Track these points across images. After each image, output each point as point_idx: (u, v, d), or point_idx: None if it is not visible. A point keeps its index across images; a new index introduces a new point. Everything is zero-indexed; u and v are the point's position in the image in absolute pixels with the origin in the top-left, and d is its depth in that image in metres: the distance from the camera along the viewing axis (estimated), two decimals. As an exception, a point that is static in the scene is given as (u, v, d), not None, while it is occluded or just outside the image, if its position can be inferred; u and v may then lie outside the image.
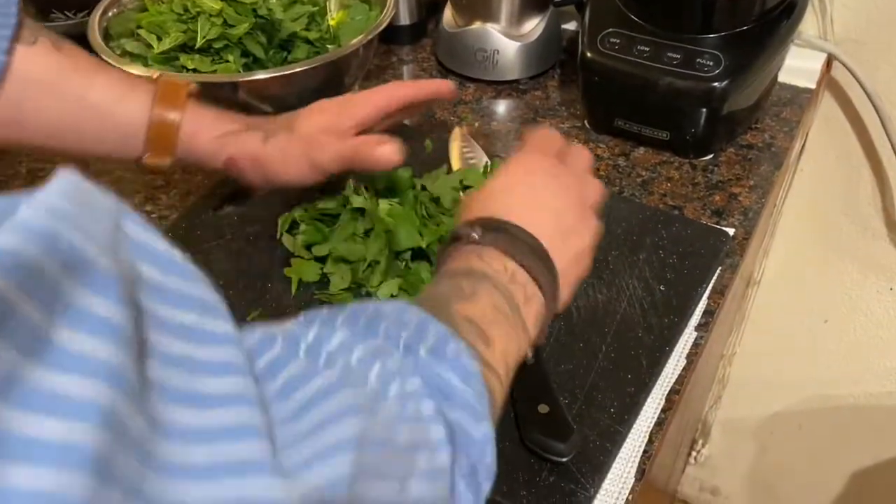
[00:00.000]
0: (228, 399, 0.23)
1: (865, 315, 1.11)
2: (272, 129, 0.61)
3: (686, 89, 0.73)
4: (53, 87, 0.56)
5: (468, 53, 0.90)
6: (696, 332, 0.60)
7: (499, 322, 0.41)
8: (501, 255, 0.44)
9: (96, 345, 0.19)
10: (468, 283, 0.42)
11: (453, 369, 0.34)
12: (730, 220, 0.70)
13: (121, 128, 0.58)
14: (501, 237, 0.44)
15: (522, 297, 0.43)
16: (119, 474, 0.18)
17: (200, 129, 0.60)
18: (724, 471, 1.47)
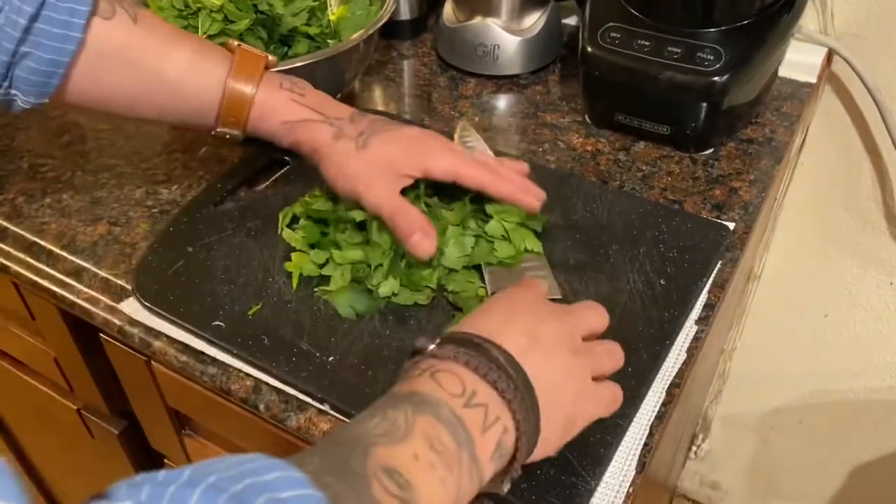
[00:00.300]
0: None
1: (866, 309, 1.11)
2: (348, 130, 0.60)
3: (686, 84, 0.73)
4: (129, 62, 0.57)
5: (469, 48, 0.90)
6: (697, 325, 0.60)
7: (432, 467, 0.36)
8: (462, 370, 0.40)
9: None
10: (403, 416, 0.37)
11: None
12: (730, 215, 0.70)
13: (194, 101, 0.59)
14: (463, 349, 0.40)
15: (481, 423, 0.39)
16: None
17: (272, 110, 0.60)
18: (724, 465, 1.47)
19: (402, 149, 0.59)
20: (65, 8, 0.53)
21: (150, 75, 0.58)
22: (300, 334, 0.58)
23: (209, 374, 0.58)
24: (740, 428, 1.39)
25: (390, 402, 0.39)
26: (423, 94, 0.89)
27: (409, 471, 0.35)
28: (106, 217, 0.71)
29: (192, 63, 0.58)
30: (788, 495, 1.44)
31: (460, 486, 0.37)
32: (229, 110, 0.60)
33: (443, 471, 0.37)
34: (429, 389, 0.39)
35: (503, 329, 0.43)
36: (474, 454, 0.38)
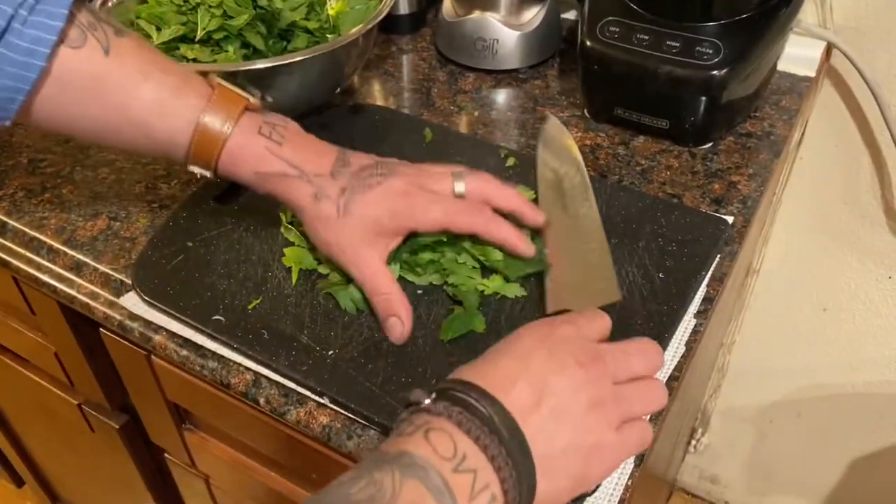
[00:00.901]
0: None
1: (864, 303, 1.11)
2: (328, 189, 0.56)
3: (685, 78, 0.73)
4: (94, 98, 0.54)
5: (468, 42, 0.90)
6: (696, 319, 0.60)
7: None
8: (455, 430, 0.38)
9: None
10: (391, 481, 0.36)
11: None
12: (729, 209, 0.71)
13: (163, 141, 0.56)
14: (456, 407, 0.39)
15: (469, 490, 0.37)
16: None
17: (245, 157, 0.56)
18: (723, 459, 1.48)
19: (386, 210, 0.56)
20: (30, 35, 0.50)
21: (115, 110, 0.54)
22: (300, 328, 0.58)
23: (209, 368, 0.59)
24: (739, 422, 1.39)
25: (378, 462, 0.38)
26: (423, 88, 0.89)
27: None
28: (106, 212, 0.71)
29: (161, 100, 0.54)
30: (787, 489, 1.44)
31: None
32: (198, 150, 0.55)
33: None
34: (420, 451, 0.38)
35: (514, 378, 0.41)
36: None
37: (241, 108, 0.56)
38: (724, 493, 1.53)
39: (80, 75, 0.53)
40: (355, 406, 0.53)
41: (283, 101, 0.75)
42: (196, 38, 0.74)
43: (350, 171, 0.57)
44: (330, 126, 0.79)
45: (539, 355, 0.42)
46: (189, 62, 0.73)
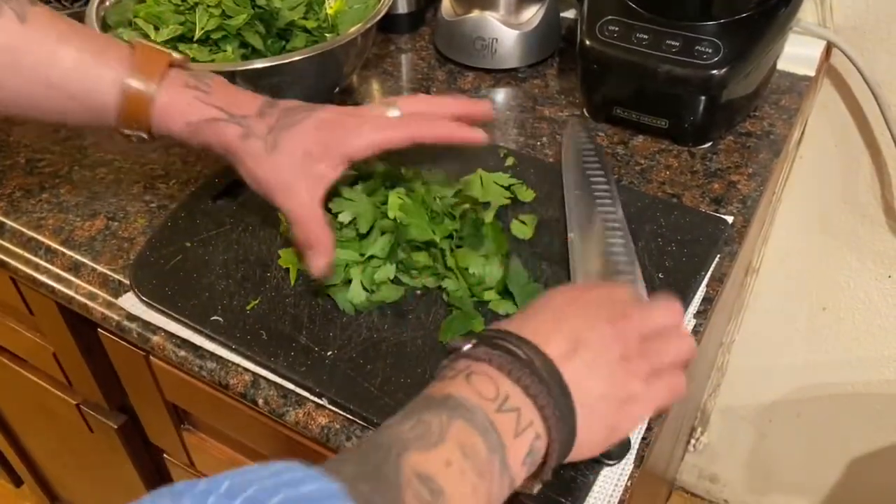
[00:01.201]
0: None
1: (864, 303, 1.11)
2: (256, 128, 0.56)
3: (685, 77, 0.73)
4: (13, 64, 0.53)
5: (467, 42, 0.90)
6: (695, 319, 0.60)
7: (463, 474, 0.36)
8: (496, 373, 0.40)
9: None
10: (438, 421, 0.37)
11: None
12: (728, 208, 0.70)
13: (89, 105, 0.55)
14: (497, 351, 0.40)
15: (513, 428, 0.39)
16: None
17: (176, 111, 0.56)
18: (722, 458, 1.48)
19: (314, 142, 0.55)
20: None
21: (36, 78, 0.54)
22: (298, 329, 0.58)
23: (207, 369, 0.58)
24: (739, 421, 1.39)
25: (425, 404, 0.39)
26: (422, 88, 0.89)
27: (441, 477, 0.35)
28: (104, 212, 0.71)
29: (82, 63, 0.54)
30: (786, 488, 1.44)
31: (491, 493, 0.38)
32: (128, 111, 0.55)
33: (474, 478, 0.37)
34: (463, 393, 0.39)
35: (549, 331, 0.42)
36: (506, 461, 0.38)
37: (165, 66, 0.56)
38: (723, 492, 1.53)
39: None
40: (354, 407, 0.53)
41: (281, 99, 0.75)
42: (194, 37, 0.74)
43: (277, 110, 0.57)
44: (329, 126, 0.79)
45: (572, 312, 0.44)
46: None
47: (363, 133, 0.56)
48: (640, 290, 0.57)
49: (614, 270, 0.61)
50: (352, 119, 0.57)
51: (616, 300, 0.46)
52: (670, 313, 0.47)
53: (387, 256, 0.60)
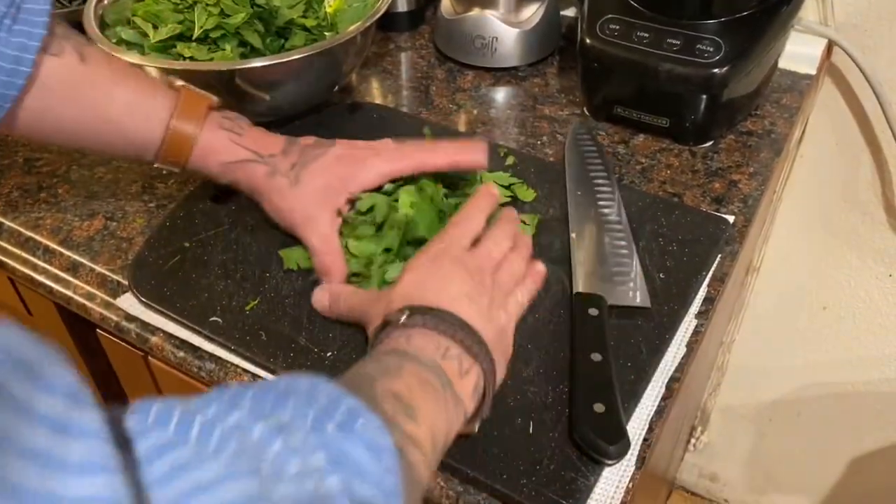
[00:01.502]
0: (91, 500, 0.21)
1: (864, 302, 1.11)
2: (280, 165, 0.61)
3: (686, 76, 0.72)
4: (74, 100, 0.58)
5: (467, 40, 0.89)
6: (696, 319, 0.60)
7: (426, 397, 0.42)
8: (431, 332, 0.46)
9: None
10: (394, 362, 0.43)
11: (363, 445, 0.33)
12: (730, 208, 0.70)
13: (137, 140, 0.61)
14: (429, 317, 0.47)
15: (457, 370, 0.45)
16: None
17: (212, 151, 0.61)
18: (722, 457, 1.47)
19: (332, 176, 0.61)
20: (16, 43, 0.53)
21: (93, 114, 0.59)
22: (298, 329, 0.58)
23: (206, 370, 0.58)
24: (739, 420, 1.39)
25: (377, 357, 0.45)
26: (421, 86, 0.89)
27: (408, 397, 0.40)
28: (102, 212, 0.71)
29: (136, 103, 0.59)
30: (787, 487, 1.44)
31: (448, 416, 0.43)
32: (171, 149, 0.60)
33: (434, 402, 0.42)
34: (409, 348, 0.45)
35: (445, 294, 0.49)
36: (456, 393, 0.44)
37: (206, 109, 0.61)
38: (723, 492, 1.53)
39: (61, 81, 0.57)
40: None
41: (280, 99, 0.75)
42: (193, 36, 0.74)
43: (298, 147, 0.63)
44: (328, 124, 0.78)
45: (446, 272, 0.51)
46: (185, 61, 0.72)
47: (374, 166, 0.61)
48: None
49: (615, 270, 0.61)
50: (364, 152, 0.62)
51: (466, 246, 0.54)
52: (507, 232, 0.56)
53: (396, 252, 0.60)
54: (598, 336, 0.55)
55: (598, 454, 0.49)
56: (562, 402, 0.53)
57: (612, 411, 0.50)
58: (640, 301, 0.59)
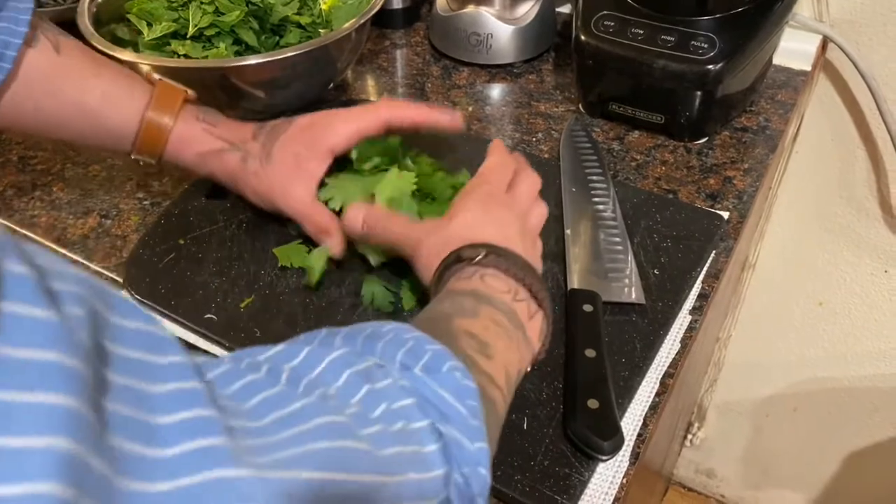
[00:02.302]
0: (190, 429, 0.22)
1: (860, 297, 1.11)
2: (252, 149, 0.62)
3: (680, 72, 0.72)
4: (51, 90, 0.58)
5: (462, 37, 0.89)
6: (691, 315, 0.60)
7: (500, 336, 0.43)
8: (502, 274, 0.48)
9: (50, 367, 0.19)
10: (470, 302, 0.45)
11: (448, 386, 0.35)
12: (724, 204, 0.70)
13: (114, 130, 0.61)
14: (502, 259, 0.48)
15: (526, 313, 0.47)
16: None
17: (188, 142, 0.62)
18: (719, 453, 1.48)
19: (300, 144, 0.61)
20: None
21: (70, 104, 0.59)
22: (293, 326, 0.58)
23: (202, 368, 0.58)
24: (735, 416, 1.39)
25: (452, 294, 0.46)
26: (417, 83, 0.89)
27: (483, 335, 0.42)
28: (97, 210, 0.71)
29: (112, 94, 0.60)
30: (783, 482, 1.44)
31: (520, 356, 0.45)
32: (146, 140, 0.61)
33: (507, 341, 0.44)
34: (483, 289, 0.46)
35: (506, 237, 0.50)
36: (526, 334, 0.46)
37: (181, 101, 0.62)
38: (720, 487, 1.54)
39: (38, 73, 0.57)
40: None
41: (275, 97, 0.75)
42: (188, 34, 0.73)
43: (266, 129, 0.63)
44: (323, 122, 0.78)
45: (498, 214, 0.53)
46: (180, 58, 0.72)
47: (342, 125, 0.61)
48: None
49: (609, 267, 0.61)
50: (328, 117, 0.62)
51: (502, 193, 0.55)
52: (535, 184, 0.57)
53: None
54: (592, 332, 0.55)
55: (593, 450, 0.49)
56: (556, 398, 0.53)
57: (606, 407, 0.50)
58: (634, 297, 0.59)
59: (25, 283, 0.19)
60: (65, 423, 0.18)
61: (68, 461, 0.18)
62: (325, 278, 0.61)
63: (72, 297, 0.20)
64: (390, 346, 0.35)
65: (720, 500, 1.55)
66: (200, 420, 0.23)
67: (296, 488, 0.25)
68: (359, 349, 0.35)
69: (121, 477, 0.20)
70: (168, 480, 0.21)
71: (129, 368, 0.22)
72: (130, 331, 0.22)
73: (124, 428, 0.20)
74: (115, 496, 0.19)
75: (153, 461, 0.21)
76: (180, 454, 0.22)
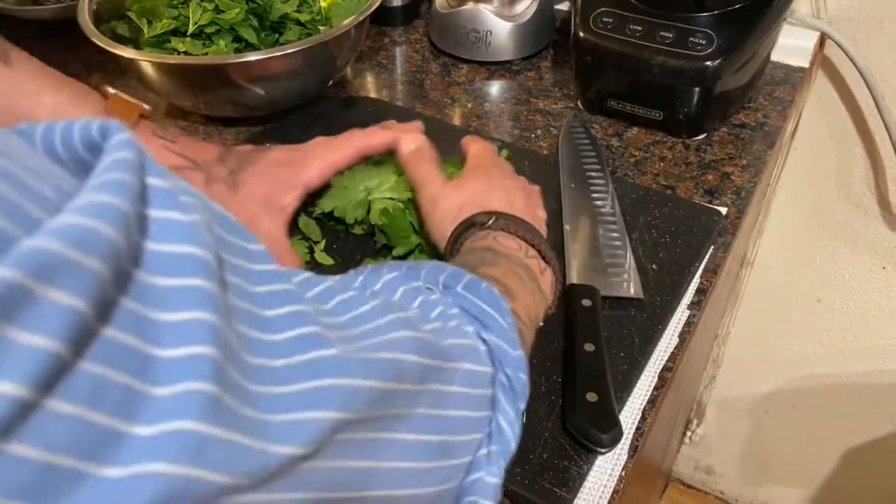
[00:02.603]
0: (291, 321, 0.27)
1: (858, 294, 1.11)
2: (217, 172, 0.60)
3: (679, 68, 0.73)
4: (7, 107, 0.56)
5: (461, 34, 0.90)
6: (689, 310, 0.60)
7: (519, 283, 0.47)
8: (512, 236, 0.51)
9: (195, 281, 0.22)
10: (489, 256, 0.48)
11: (488, 302, 0.39)
12: (722, 200, 0.71)
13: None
14: (511, 223, 0.51)
15: (538, 268, 0.50)
16: (231, 380, 0.22)
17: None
18: (718, 450, 1.48)
19: (272, 178, 0.59)
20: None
21: (20, 119, 0.57)
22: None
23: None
24: (734, 412, 1.40)
25: (472, 251, 0.50)
26: (416, 80, 0.89)
27: (505, 280, 0.46)
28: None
29: (63, 109, 0.58)
30: (782, 479, 1.45)
31: (538, 305, 0.48)
32: None
33: (525, 289, 0.47)
34: (497, 247, 0.50)
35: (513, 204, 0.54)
36: (539, 286, 0.49)
37: (137, 116, 0.60)
38: (719, 484, 1.54)
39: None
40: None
41: (275, 93, 0.75)
42: (188, 32, 0.74)
43: (235, 155, 0.61)
44: (322, 118, 0.79)
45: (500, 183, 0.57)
46: (180, 55, 0.73)
47: (314, 161, 0.60)
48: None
49: (608, 262, 0.62)
50: (299, 153, 0.61)
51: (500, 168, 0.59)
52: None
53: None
54: (591, 327, 0.55)
55: (591, 442, 0.49)
56: (555, 392, 0.53)
57: (604, 400, 0.50)
58: (633, 292, 0.59)
59: (167, 194, 0.23)
60: (208, 302, 0.22)
61: (214, 331, 0.22)
62: (326, 270, 0.62)
63: (195, 208, 0.23)
64: (433, 272, 0.40)
65: (719, 496, 1.55)
66: (298, 314, 0.27)
67: (378, 366, 0.29)
68: (405, 273, 0.39)
69: (246, 354, 0.24)
70: (284, 358, 0.26)
71: (237, 272, 0.25)
72: (232, 243, 0.26)
73: (244, 317, 0.25)
74: (245, 369, 0.24)
75: (270, 344, 0.25)
76: (289, 339, 0.26)
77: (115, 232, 0.20)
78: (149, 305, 0.21)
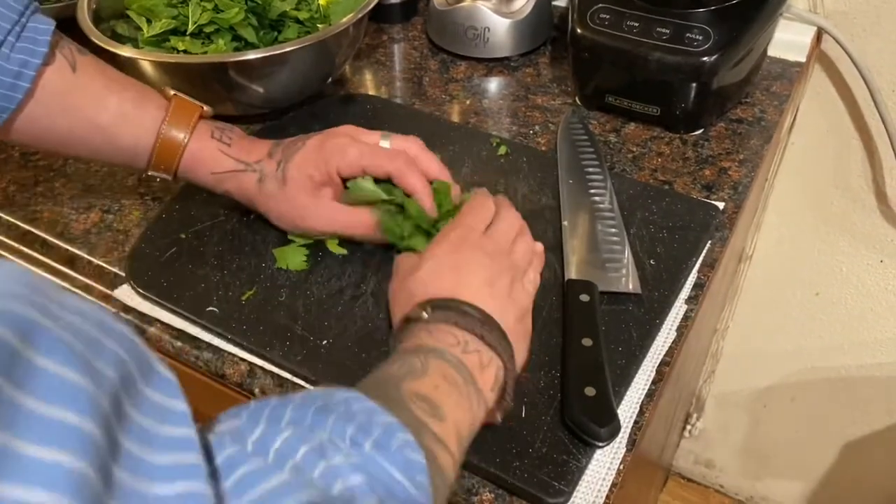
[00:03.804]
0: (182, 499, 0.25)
1: (856, 287, 1.12)
2: (268, 169, 0.61)
3: (676, 64, 0.73)
4: (66, 109, 0.59)
5: (459, 31, 0.90)
6: (686, 304, 0.61)
7: (450, 394, 0.43)
8: (452, 328, 0.47)
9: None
10: (419, 360, 0.45)
11: (397, 464, 0.35)
12: (720, 194, 0.71)
13: (128, 147, 0.61)
14: (451, 313, 0.48)
15: (478, 364, 0.46)
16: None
17: (202, 161, 0.62)
18: (717, 443, 1.49)
19: (313, 166, 0.60)
20: (18, 59, 0.54)
21: (84, 122, 0.59)
22: (294, 318, 0.58)
23: (204, 360, 0.59)
24: (733, 406, 1.40)
25: (403, 355, 0.46)
26: (414, 77, 0.89)
27: (433, 396, 0.42)
28: (99, 205, 0.71)
29: (127, 111, 0.60)
30: (782, 472, 1.45)
31: (472, 411, 0.45)
32: (161, 156, 0.61)
33: (458, 398, 0.44)
34: (431, 343, 0.46)
35: (458, 284, 0.50)
36: (477, 387, 0.46)
37: (197, 117, 0.61)
38: (718, 478, 1.55)
39: (53, 89, 0.58)
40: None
41: (274, 91, 0.75)
42: (187, 31, 0.74)
43: (281, 147, 0.62)
44: (322, 116, 0.79)
45: (466, 259, 0.52)
46: (179, 54, 0.73)
47: (348, 154, 0.60)
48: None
49: (606, 257, 0.62)
50: (341, 139, 0.61)
51: (481, 231, 0.55)
52: (512, 220, 0.57)
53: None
54: (589, 321, 0.56)
55: (590, 436, 0.50)
56: (554, 387, 0.53)
57: (602, 394, 0.51)
58: (631, 287, 0.60)
59: (66, 348, 0.22)
60: (71, 483, 0.20)
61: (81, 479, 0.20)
62: (326, 270, 0.62)
63: (113, 359, 0.23)
64: (340, 421, 0.36)
65: (719, 489, 1.56)
66: (195, 496, 0.25)
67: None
68: (308, 424, 0.35)
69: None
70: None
71: (141, 436, 0.24)
72: (152, 401, 0.25)
73: (126, 496, 0.23)
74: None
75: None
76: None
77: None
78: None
